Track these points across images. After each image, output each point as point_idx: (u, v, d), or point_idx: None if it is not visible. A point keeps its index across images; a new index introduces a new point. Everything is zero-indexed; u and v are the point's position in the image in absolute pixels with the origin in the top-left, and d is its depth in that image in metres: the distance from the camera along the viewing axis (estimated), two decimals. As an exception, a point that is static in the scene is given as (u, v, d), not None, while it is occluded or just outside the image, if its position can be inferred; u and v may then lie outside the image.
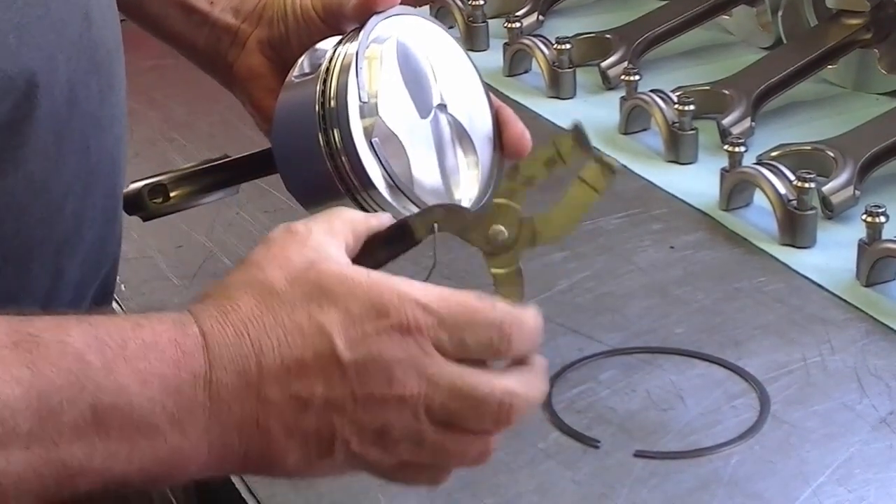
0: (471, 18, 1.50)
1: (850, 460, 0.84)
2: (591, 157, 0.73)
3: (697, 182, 1.20)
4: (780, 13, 1.41)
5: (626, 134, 1.29)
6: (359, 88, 0.80)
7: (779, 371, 0.93)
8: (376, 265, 0.72)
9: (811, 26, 1.39)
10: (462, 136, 0.85)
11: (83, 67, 0.77)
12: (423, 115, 0.83)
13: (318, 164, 0.80)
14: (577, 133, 0.73)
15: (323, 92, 0.81)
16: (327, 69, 0.81)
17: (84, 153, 0.78)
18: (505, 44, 1.45)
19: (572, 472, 0.84)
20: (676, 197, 1.18)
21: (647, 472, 0.83)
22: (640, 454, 0.85)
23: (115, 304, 1.04)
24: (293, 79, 0.84)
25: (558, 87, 1.38)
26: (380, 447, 0.67)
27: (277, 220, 1.14)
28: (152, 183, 0.88)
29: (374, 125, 0.80)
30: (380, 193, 0.80)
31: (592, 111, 1.35)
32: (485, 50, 1.50)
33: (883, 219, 1.02)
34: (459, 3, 1.52)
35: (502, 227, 0.74)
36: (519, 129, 0.84)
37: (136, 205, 0.88)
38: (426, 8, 1.58)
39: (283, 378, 0.65)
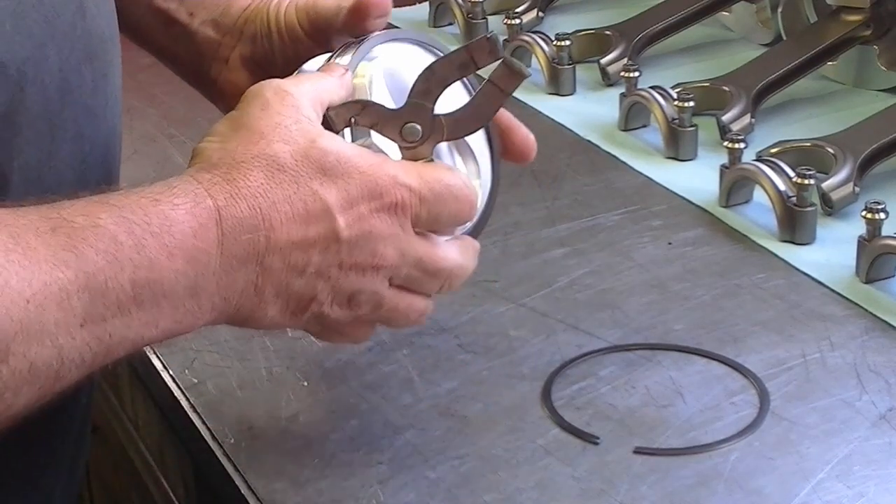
0: (470, 15, 1.50)
1: (850, 457, 0.84)
2: (502, 61, 0.77)
3: (697, 178, 1.20)
4: (779, 10, 1.41)
5: (625, 130, 1.29)
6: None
7: (778, 367, 0.93)
8: None
9: (811, 23, 1.39)
10: (462, 147, 0.85)
11: (76, 57, 0.77)
12: None
13: None
14: (489, 41, 0.77)
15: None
16: None
17: (78, 142, 0.78)
18: (504, 40, 1.45)
19: (572, 468, 0.84)
20: (676, 193, 1.18)
21: (646, 468, 0.83)
22: (639, 450, 0.85)
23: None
24: None
25: (558, 83, 1.38)
26: (345, 308, 0.76)
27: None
28: None
29: (371, 147, 0.80)
30: None
31: (592, 108, 1.35)
32: (484, 46, 1.50)
33: (882, 215, 1.02)
34: (459, 0, 1.52)
35: (416, 124, 0.78)
36: (524, 133, 0.86)
37: None
38: (425, 5, 1.58)
39: (286, 249, 0.72)
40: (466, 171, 0.84)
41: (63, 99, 0.76)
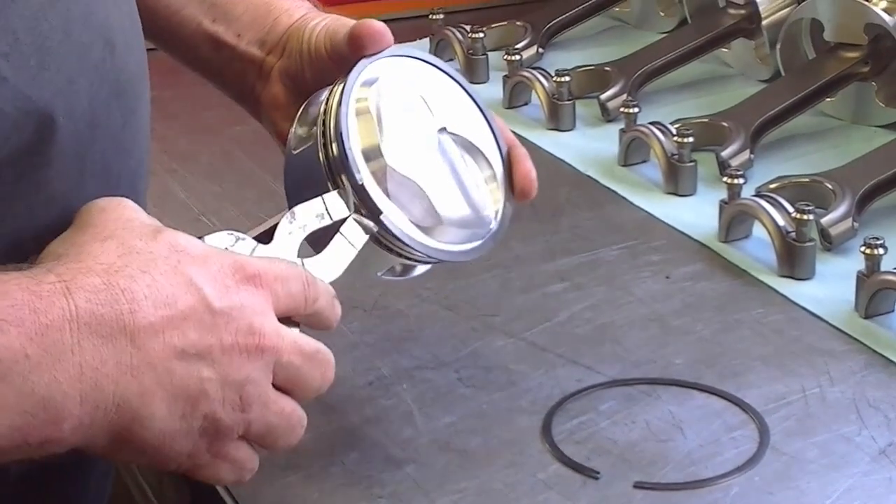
0: (471, 51, 1.51)
1: (849, 492, 0.84)
2: (352, 214, 0.80)
3: (696, 214, 1.20)
4: (778, 46, 1.41)
5: (625, 166, 1.30)
6: (345, 142, 0.81)
7: (778, 402, 0.93)
8: None
9: (809, 59, 1.40)
10: (472, 150, 0.86)
11: (105, 92, 0.77)
12: (429, 146, 0.84)
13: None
14: (344, 194, 0.80)
15: (327, 157, 0.82)
16: (323, 133, 0.82)
17: (106, 175, 0.79)
18: (505, 76, 1.45)
19: (572, 502, 0.83)
20: (675, 228, 1.18)
21: (646, 503, 0.83)
22: (639, 485, 0.85)
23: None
24: (292, 151, 0.85)
25: (558, 119, 1.39)
26: (237, 410, 0.70)
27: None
28: None
29: (386, 173, 0.81)
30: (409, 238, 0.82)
31: (592, 143, 1.35)
32: (485, 82, 1.51)
33: (881, 251, 1.02)
34: (459, 36, 1.52)
35: None
36: (527, 167, 0.86)
37: None
38: (426, 41, 1.59)
39: (157, 325, 0.67)
40: (482, 175, 0.86)
41: (93, 133, 0.76)
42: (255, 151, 1.29)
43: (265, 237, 0.79)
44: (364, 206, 0.81)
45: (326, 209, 0.80)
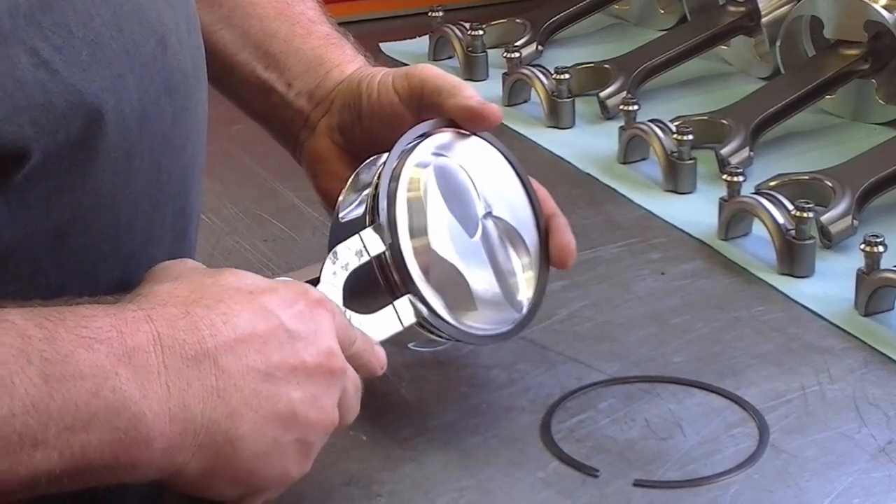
0: (470, 49, 1.51)
1: (849, 490, 0.84)
2: (408, 294, 0.82)
3: (696, 211, 1.20)
4: (778, 44, 1.41)
5: (624, 163, 1.30)
6: (398, 223, 0.83)
7: (777, 400, 0.93)
8: None
9: (809, 57, 1.40)
10: (513, 236, 0.88)
11: (156, 89, 0.77)
12: (472, 233, 0.86)
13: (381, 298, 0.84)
14: (380, 230, 0.82)
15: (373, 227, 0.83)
16: (373, 207, 0.83)
17: (155, 172, 0.79)
18: (504, 74, 1.45)
19: (571, 501, 0.84)
20: (675, 226, 1.18)
21: (646, 501, 0.83)
22: (639, 483, 0.85)
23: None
24: (339, 218, 0.86)
25: (557, 116, 1.39)
26: (327, 430, 0.74)
27: (276, 248, 1.15)
28: None
29: (429, 255, 0.83)
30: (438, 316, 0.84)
31: (591, 140, 1.35)
32: (484, 80, 1.51)
33: (881, 248, 1.02)
34: (458, 34, 1.53)
35: None
36: (565, 239, 0.89)
37: None
38: (425, 38, 1.59)
39: (239, 349, 0.69)
40: (520, 262, 0.88)
41: (141, 129, 0.77)
42: (255, 150, 1.30)
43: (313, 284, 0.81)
44: (402, 280, 0.82)
45: (364, 246, 0.82)
